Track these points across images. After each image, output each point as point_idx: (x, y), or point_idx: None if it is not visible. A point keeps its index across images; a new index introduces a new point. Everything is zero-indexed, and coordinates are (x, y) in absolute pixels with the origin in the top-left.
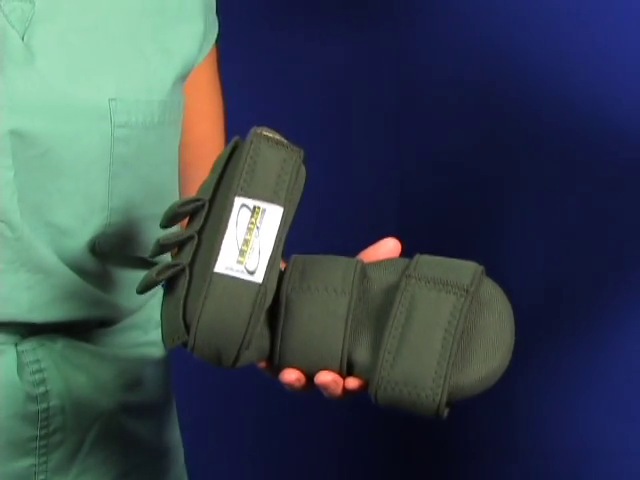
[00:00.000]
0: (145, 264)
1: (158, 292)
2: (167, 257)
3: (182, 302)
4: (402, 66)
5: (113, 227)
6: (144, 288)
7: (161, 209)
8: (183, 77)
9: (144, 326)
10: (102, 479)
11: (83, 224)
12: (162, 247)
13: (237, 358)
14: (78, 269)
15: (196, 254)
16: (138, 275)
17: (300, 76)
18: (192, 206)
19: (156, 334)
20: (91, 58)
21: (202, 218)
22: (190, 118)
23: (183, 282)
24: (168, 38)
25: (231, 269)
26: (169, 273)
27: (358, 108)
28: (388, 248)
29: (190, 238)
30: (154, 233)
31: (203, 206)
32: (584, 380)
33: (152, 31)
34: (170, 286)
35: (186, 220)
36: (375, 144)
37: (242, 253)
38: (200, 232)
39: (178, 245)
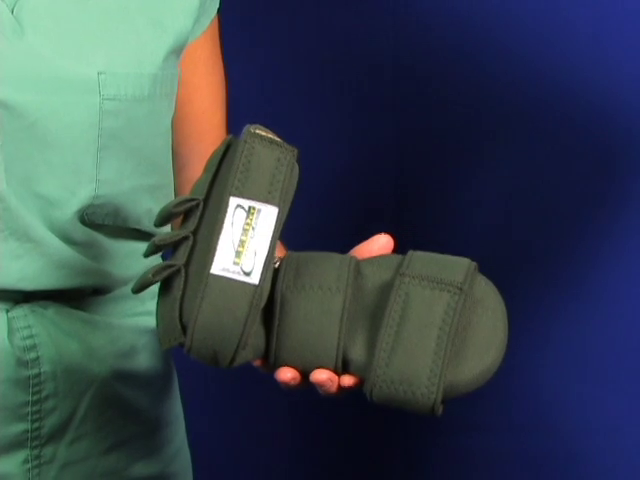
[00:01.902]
0: (139, 235)
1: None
2: (167, 228)
3: (178, 303)
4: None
5: (102, 199)
6: (140, 288)
7: (153, 181)
8: (176, 51)
9: (140, 296)
10: (97, 447)
11: (71, 195)
12: (157, 247)
13: (233, 359)
14: (67, 239)
15: (191, 254)
16: (131, 245)
17: (298, 52)
18: (186, 206)
19: (152, 304)
20: (81, 31)
21: (197, 218)
22: (188, 92)
23: (179, 283)
24: (160, 11)
25: (227, 270)
26: (165, 274)
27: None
28: (381, 244)
29: (185, 239)
30: (146, 205)
31: (197, 206)
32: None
33: (144, 4)
34: (166, 286)
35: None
36: (373, 127)
37: (238, 254)
38: (195, 232)
39: (173, 245)
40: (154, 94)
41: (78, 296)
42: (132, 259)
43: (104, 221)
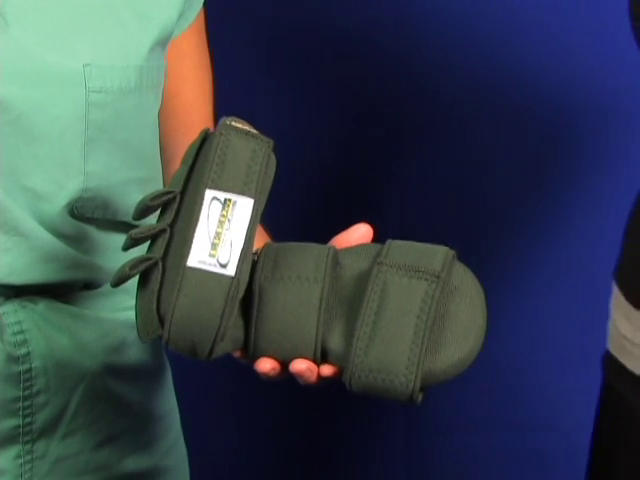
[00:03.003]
0: (129, 228)
1: None
2: (153, 219)
3: (156, 296)
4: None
5: (90, 192)
6: (117, 281)
7: (142, 174)
8: (162, 42)
9: (131, 290)
10: (90, 441)
11: (59, 188)
12: (134, 241)
13: (212, 350)
14: (57, 232)
15: (169, 247)
16: (121, 238)
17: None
18: (163, 199)
19: None
20: (66, 24)
21: (174, 211)
22: (175, 85)
23: (156, 276)
24: (145, 4)
25: (203, 262)
26: (142, 267)
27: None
28: (360, 233)
29: (162, 231)
30: (136, 198)
31: (174, 199)
32: None
33: None
34: (144, 279)
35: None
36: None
37: (214, 246)
38: (172, 225)
39: (151, 238)
40: (140, 86)
41: (68, 291)
42: (122, 253)
43: (94, 214)
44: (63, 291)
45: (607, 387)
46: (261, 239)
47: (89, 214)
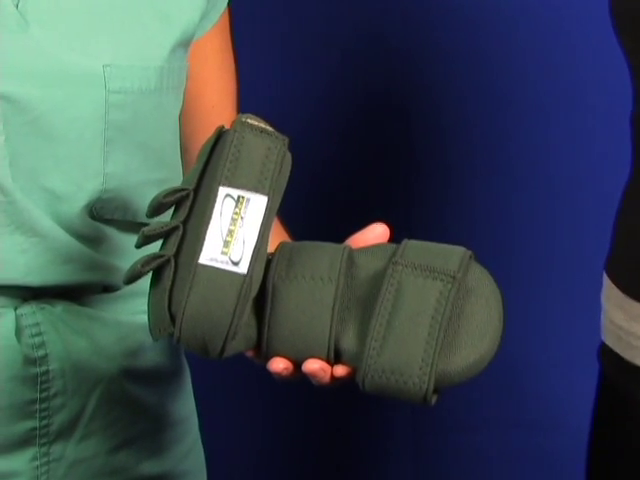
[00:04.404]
0: None
1: None
2: (167, 217)
3: (167, 293)
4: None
5: (110, 193)
6: (129, 279)
7: (161, 174)
8: (184, 44)
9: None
10: (106, 444)
11: (78, 189)
12: (147, 238)
13: (223, 349)
14: (76, 233)
15: (181, 245)
16: None
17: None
18: (177, 196)
19: None
20: (86, 24)
21: (187, 208)
22: (197, 86)
23: (168, 273)
24: (167, 5)
25: (215, 260)
26: (154, 264)
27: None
28: (377, 233)
29: (175, 229)
30: None
31: (188, 196)
32: None
33: None
34: (156, 277)
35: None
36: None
37: (226, 244)
38: (185, 222)
39: (163, 236)
40: (161, 87)
41: (87, 293)
42: (142, 255)
43: (113, 215)
44: (81, 294)
45: (604, 378)
46: (279, 238)
47: (108, 215)
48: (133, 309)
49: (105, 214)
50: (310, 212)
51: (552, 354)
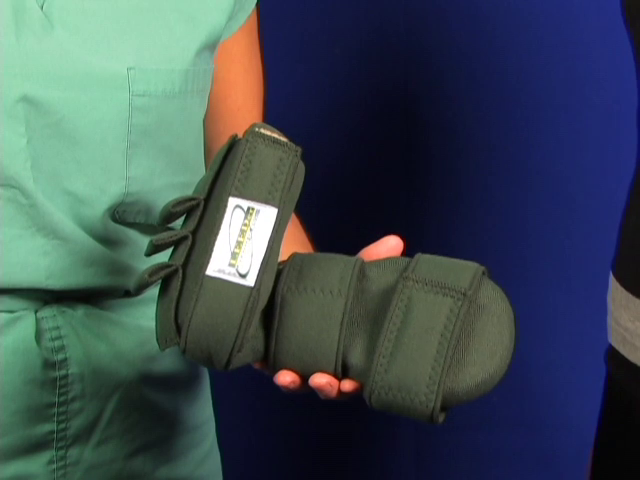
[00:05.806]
0: None
1: None
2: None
3: (174, 304)
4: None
5: (132, 196)
6: (137, 288)
7: (185, 178)
8: (209, 47)
9: None
10: (123, 449)
11: (101, 193)
12: (156, 247)
13: (229, 361)
14: (98, 237)
15: (190, 254)
16: None
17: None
18: (187, 205)
19: None
20: (110, 27)
21: (197, 218)
22: (222, 89)
23: (176, 283)
24: (193, 7)
25: (223, 272)
26: (162, 274)
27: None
28: (390, 246)
29: (184, 238)
30: None
31: (198, 205)
32: None
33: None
34: (164, 287)
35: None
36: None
37: (234, 256)
38: (195, 232)
39: (172, 245)
40: (185, 90)
41: (108, 297)
42: (164, 259)
43: (136, 219)
44: (103, 297)
45: (610, 381)
46: (296, 243)
47: (131, 219)
48: (153, 314)
49: (127, 218)
50: (322, 222)
51: (557, 354)
